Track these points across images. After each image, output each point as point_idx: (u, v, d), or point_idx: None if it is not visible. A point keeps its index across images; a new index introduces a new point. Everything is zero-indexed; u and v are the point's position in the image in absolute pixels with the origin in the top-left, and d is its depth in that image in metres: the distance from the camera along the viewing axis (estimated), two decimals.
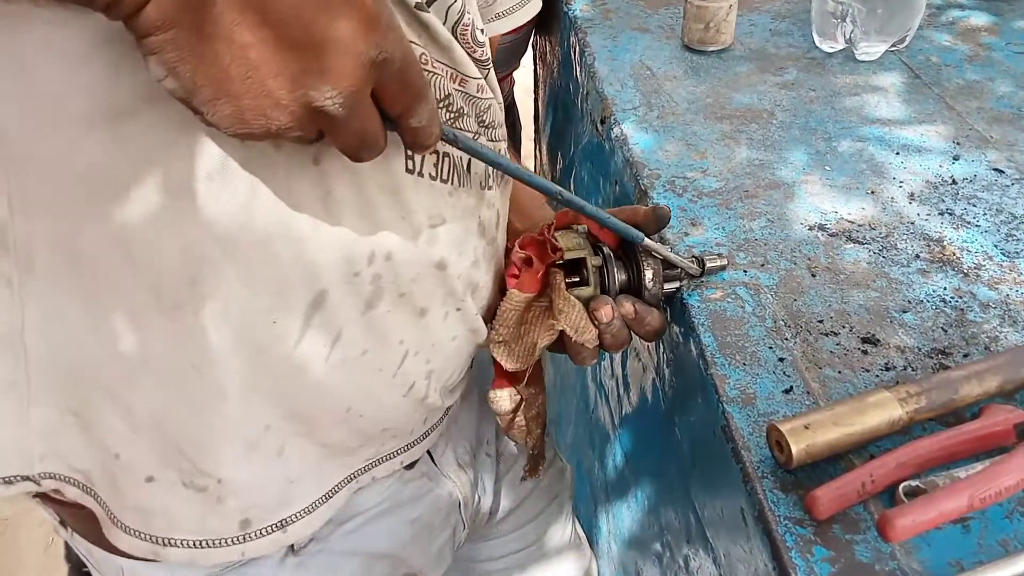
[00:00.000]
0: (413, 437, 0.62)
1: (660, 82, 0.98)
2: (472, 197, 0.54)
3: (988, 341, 0.59)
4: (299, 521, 0.56)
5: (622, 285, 0.60)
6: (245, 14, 0.32)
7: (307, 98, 0.35)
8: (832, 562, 0.46)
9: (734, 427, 0.54)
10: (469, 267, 0.55)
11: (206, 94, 0.34)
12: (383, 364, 0.53)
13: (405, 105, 0.39)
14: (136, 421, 0.48)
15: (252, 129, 0.36)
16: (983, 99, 0.90)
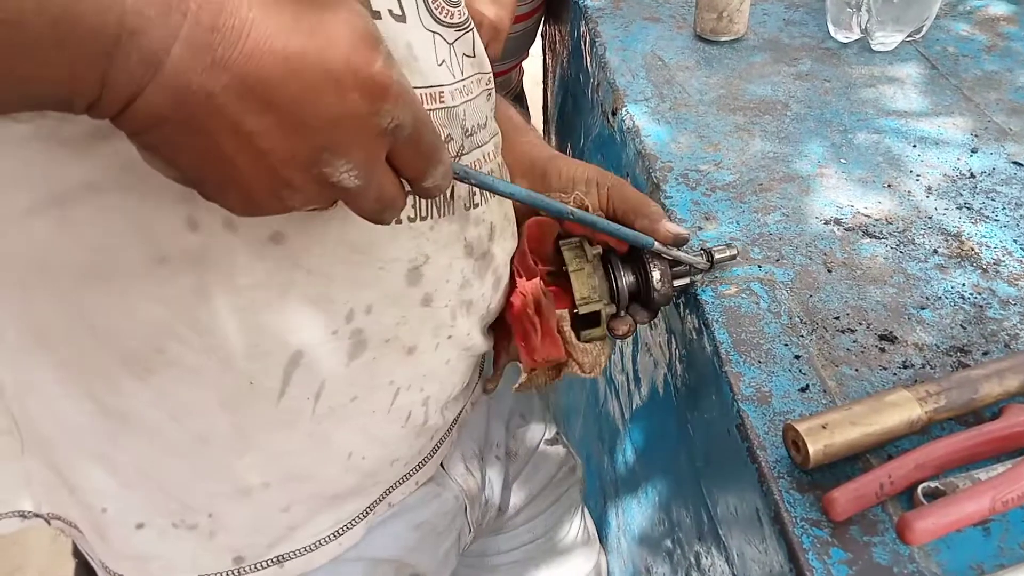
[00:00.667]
0: (422, 456, 0.61)
1: (672, 72, 0.97)
2: (455, 223, 0.51)
3: (1008, 339, 0.58)
4: (299, 558, 0.55)
5: (631, 288, 0.60)
6: (247, 103, 0.31)
7: (322, 176, 0.34)
8: (850, 564, 0.45)
9: (749, 426, 0.53)
10: (457, 291, 0.53)
11: (212, 185, 0.33)
12: (375, 406, 0.52)
13: (420, 169, 0.38)
14: (123, 476, 0.48)
15: (266, 211, 0.35)
16: (1002, 90, 0.89)
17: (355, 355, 0.48)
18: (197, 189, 0.34)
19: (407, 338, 0.51)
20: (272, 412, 0.47)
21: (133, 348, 0.43)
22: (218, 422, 0.47)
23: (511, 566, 0.89)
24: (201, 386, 0.45)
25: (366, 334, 0.48)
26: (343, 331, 0.47)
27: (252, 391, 0.46)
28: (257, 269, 0.43)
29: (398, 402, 0.53)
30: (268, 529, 0.52)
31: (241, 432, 0.47)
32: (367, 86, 0.32)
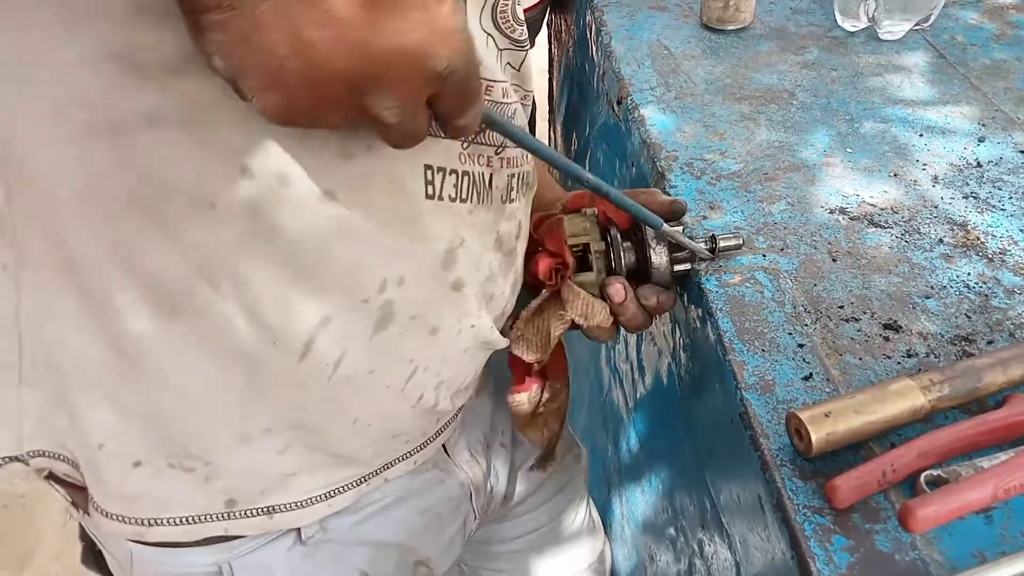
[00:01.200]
0: (425, 438, 0.62)
1: (678, 62, 0.96)
2: (491, 212, 0.52)
3: (1013, 328, 0.58)
4: (289, 512, 0.55)
5: (630, 267, 0.60)
6: (313, 9, 0.31)
7: (364, 104, 0.34)
8: (851, 551, 0.45)
9: (752, 414, 0.53)
10: (484, 281, 0.54)
11: (255, 80, 0.33)
12: (391, 381, 0.52)
13: (459, 108, 0.38)
14: (126, 413, 0.48)
15: (297, 123, 0.35)
16: (1010, 79, 0.88)
17: (381, 327, 0.49)
18: (236, 82, 0.33)
19: (432, 318, 0.51)
20: (290, 373, 0.47)
21: (165, 288, 0.43)
22: (233, 375, 0.47)
23: (515, 554, 0.90)
24: (224, 337, 0.45)
25: (395, 306, 0.48)
26: (374, 301, 0.47)
27: (274, 350, 0.46)
28: (302, 227, 0.42)
29: (413, 381, 0.53)
30: (263, 473, 0.53)
31: (254, 386, 0.47)
32: (432, 27, 0.33)
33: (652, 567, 0.90)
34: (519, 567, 0.91)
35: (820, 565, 0.45)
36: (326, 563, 0.59)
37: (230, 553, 0.56)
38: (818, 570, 0.45)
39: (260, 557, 0.56)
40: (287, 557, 0.57)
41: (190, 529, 0.53)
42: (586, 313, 0.59)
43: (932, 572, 0.44)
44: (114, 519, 0.53)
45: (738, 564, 0.60)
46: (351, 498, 0.58)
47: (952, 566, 0.44)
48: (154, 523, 0.53)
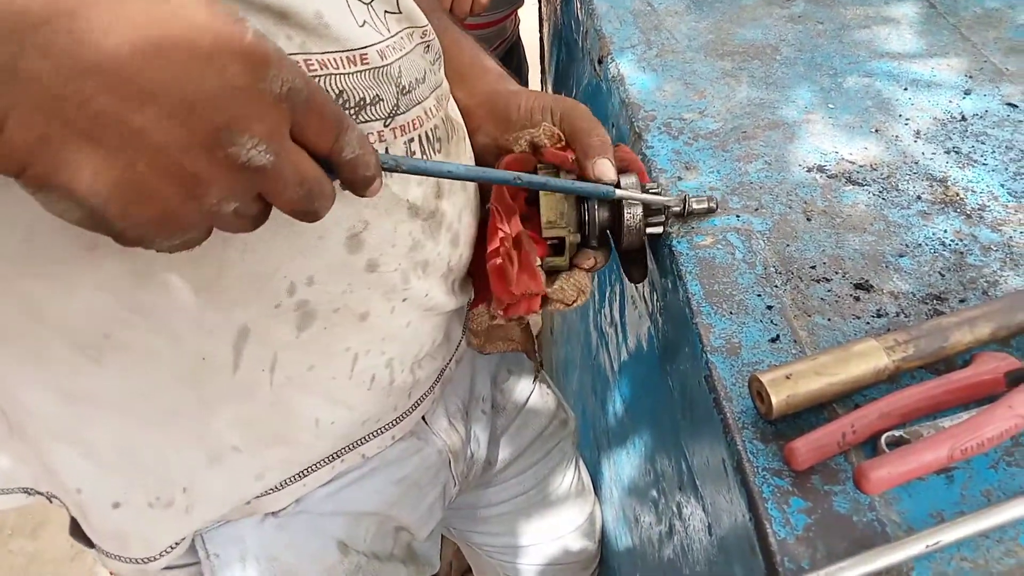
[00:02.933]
0: (398, 413, 0.61)
1: (661, 18, 0.94)
2: (394, 185, 0.50)
3: (987, 286, 0.57)
4: (265, 497, 0.56)
5: (602, 224, 0.59)
6: (126, 100, 0.29)
7: (230, 157, 0.32)
8: (808, 513, 0.45)
9: (716, 377, 0.53)
10: (407, 253, 0.52)
11: (118, 204, 0.31)
12: (334, 373, 0.52)
13: (330, 134, 0.36)
14: (95, 457, 0.49)
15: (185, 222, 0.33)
16: (1001, 28, 0.86)
17: (304, 326, 0.48)
18: (105, 223, 0.32)
19: (357, 305, 0.50)
20: (229, 385, 0.48)
21: (82, 334, 0.43)
22: (182, 396, 0.47)
23: (502, 518, 0.90)
24: (156, 365, 0.45)
25: (312, 305, 0.48)
26: (287, 304, 0.47)
27: (206, 366, 0.46)
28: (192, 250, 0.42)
29: (359, 367, 0.53)
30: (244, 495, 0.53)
31: (205, 403, 0.48)
32: (245, 56, 0.31)
33: (637, 528, 0.91)
34: (508, 530, 0.92)
35: (776, 527, 0.45)
36: (301, 533, 0.60)
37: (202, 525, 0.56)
38: (774, 532, 0.44)
39: (232, 529, 0.57)
40: (260, 528, 0.58)
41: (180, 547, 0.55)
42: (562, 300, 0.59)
43: (889, 533, 0.44)
44: (113, 559, 0.54)
45: (710, 526, 0.60)
46: (326, 475, 0.58)
47: (909, 527, 0.44)
48: (149, 560, 0.54)
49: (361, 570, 0.63)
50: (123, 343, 0.44)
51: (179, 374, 0.46)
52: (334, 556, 0.61)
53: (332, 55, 0.44)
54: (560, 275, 0.60)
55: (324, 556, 0.61)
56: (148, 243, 0.33)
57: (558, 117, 0.59)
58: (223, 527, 0.56)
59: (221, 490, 0.52)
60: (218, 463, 0.51)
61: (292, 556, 0.59)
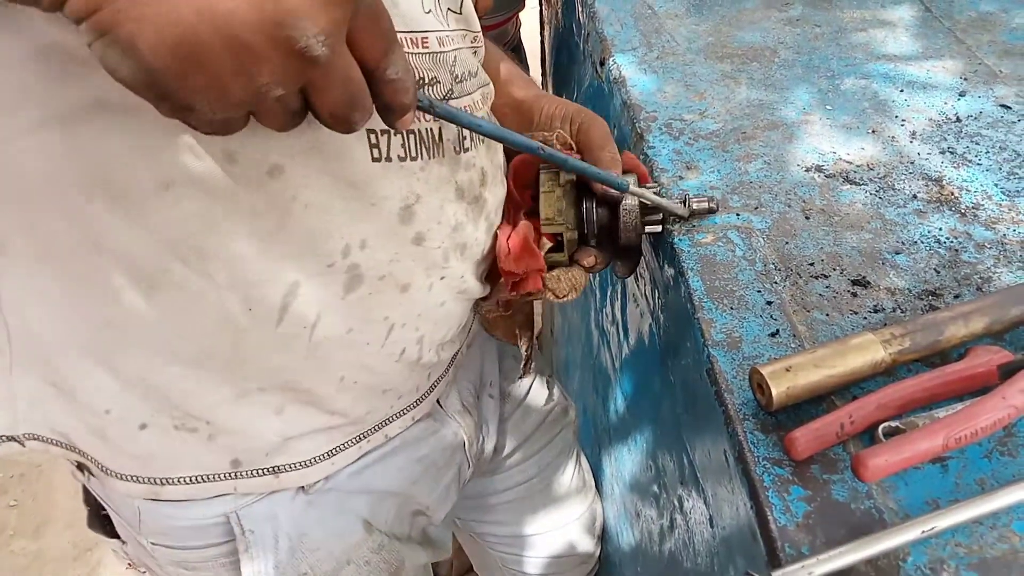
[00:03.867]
0: (419, 393, 0.63)
1: (661, 21, 0.96)
2: (445, 166, 0.53)
3: (981, 282, 0.59)
4: (294, 472, 0.58)
5: (600, 221, 0.61)
6: None
7: (289, 41, 0.33)
8: (808, 501, 0.46)
9: (718, 370, 0.54)
10: (450, 233, 0.55)
11: (176, 65, 0.32)
12: (369, 339, 0.54)
13: (381, 50, 0.37)
14: (124, 379, 0.50)
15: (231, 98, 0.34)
16: (996, 32, 0.87)
17: (351, 289, 0.50)
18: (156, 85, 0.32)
19: (401, 275, 0.52)
20: (270, 336, 0.49)
21: (137, 267, 0.44)
22: (218, 340, 0.48)
23: (507, 507, 0.92)
24: (202, 308, 0.46)
25: (362, 269, 0.50)
26: (339, 265, 0.49)
27: (251, 316, 0.48)
28: (257, 201, 0.44)
29: (392, 337, 0.55)
30: (264, 434, 0.55)
31: (239, 351, 0.49)
32: None
33: (638, 523, 0.92)
34: (512, 519, 0.94)
35: (777, 514, 0.46)
36: (329, 511, 0.62)
37: (235, 503, 0.58)
38: (775, 519, 0.46)
39: (265, 506, 0.59)
40: (291, 506, 0.60)
41: (200, 488, 0.56)
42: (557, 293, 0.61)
43: (886, 519, 0.45)
44: (128, 480, 0.55)
45: (711, 518, 0.62)
46: (354, 454, 0.60)
47: (905, 514, 0.45)
48: (166, 482, 0.55)
49: (384, 548, 0.65)
50: (175, 282, 0.45)
51: (222, 320, 0.47)
52: (359, 534, 0.64)
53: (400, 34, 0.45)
54: (558, 269, 0.62)
55: (350, 533, 0.63)
56: (191, 112, 0.34)
57: (576, 127, 0.62)
58: (257, 504, 0.58)
59: (242, 424, 0.54)
60: (242, 399, 0.52)
61: (321, 532, 0.61)
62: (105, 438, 0.53)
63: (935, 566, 0.43)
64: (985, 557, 0.43)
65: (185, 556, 0.62)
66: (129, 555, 0.70)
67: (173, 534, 0.61)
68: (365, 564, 0.67)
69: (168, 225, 0.43)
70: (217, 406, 0.52)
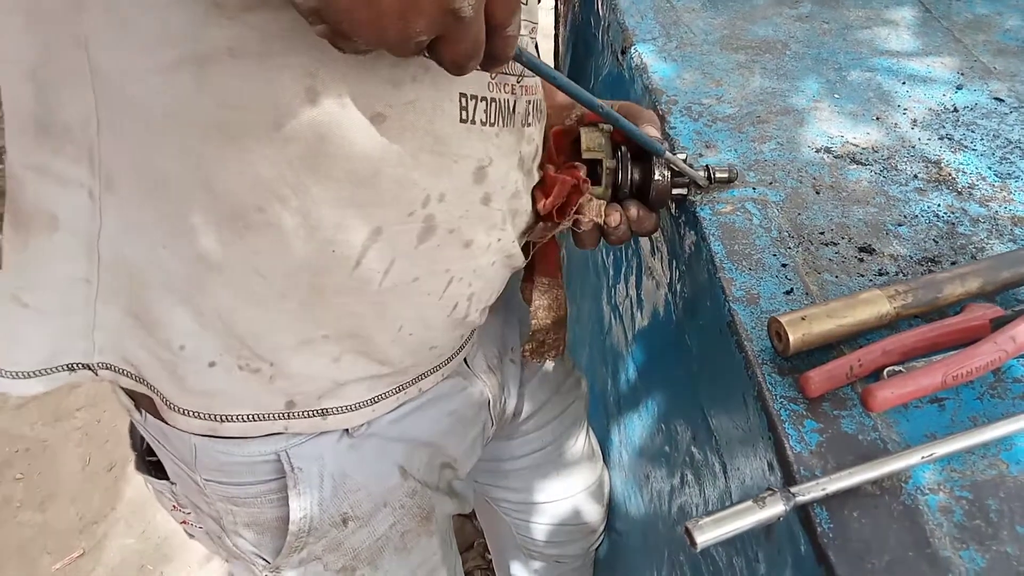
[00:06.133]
0: (452, 351, 0.69)
1: (679, 14, 1.01)
2: (513, 136, 0.58)
3: (975, 251, 0.65)
4: (339, 415, 0.62)
5: (634, 184, 0.66)
6: None
7: (446, 2, 0.38)
8: (820, 432, 0.52)
9: (739, 322, 0.60)
10: (509, 198, 0.60)
11: (347, 2, 0.37)
12: (431, 289, 0.59)
13: (510, 12, 0.42)
14: (204, 318, 0.54)
15: (386, 38, 0.39)
16: (990, 32, 0.94)
17: (424, 239, 0.55)
18: (326, 15, 0.37)
19: (467, 231, 0.57)
20: (346, 278, 0.53)
21: (239, 204, 0.48)
22: (298, 281, 0.53)
23: (522, 473, 0.97)
24: (290, 247, 0.51)
25: (436, 220, 0.55)
26: (419, 214, 0.53)
27: (333, 258, 0.52)
28: (358, 146, 0.48)
29: (450, 291, 0.59)
30: (319, 378, 0.59)
31: (317, 291, 0.54)
32: None
33: (647, 486, 0.97)
34: (526, 486, 0.99)
35: (793, 443, 0.52)
36: (369, 455, 0.66)
37: (287, 443, 0.62)
38: (791, 447, 0.51)
39: (313, 447, 0.63)
40: (336, 447, 0.64)
41: (256, 426, 0.60)
42: (591, 217, 0.65)
43: (889, 449, 0.51)
44: (191, 415, 0.59)
45: (724, 465, 0.67)
46: (392, 404, 0.65)
47: (907, 444, 0.51)
48: (226, 419, 0.59)
49: (417, 494, 0.70)
50: (270, 220, 0.49)
51: (306, 260, 0.51)
52: (396, 478, 0.68)
53: None
54: None
55: (388, 477, 0.68)
56: (346, 41, 0.39)
57: (616, 108, 0.67)
58: (306, 444, 0.63)
59: (302, 370, 0.58)
60: (306, 346, 0.56)
61: (361, 474, 0.66)
62: (175, 373, 0.57)
63: (933, 487, 0.49)
64: (976, 480, 0.49)
65: (236, 492, 0.67)
66: (177, 495, 0.74)
67: (227, 470, 0.65)
68: (400, 507, 0.72)
69: (273, 165, 0.47)
70: (283, 349, 0.56)
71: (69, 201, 0.49)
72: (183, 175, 0.47)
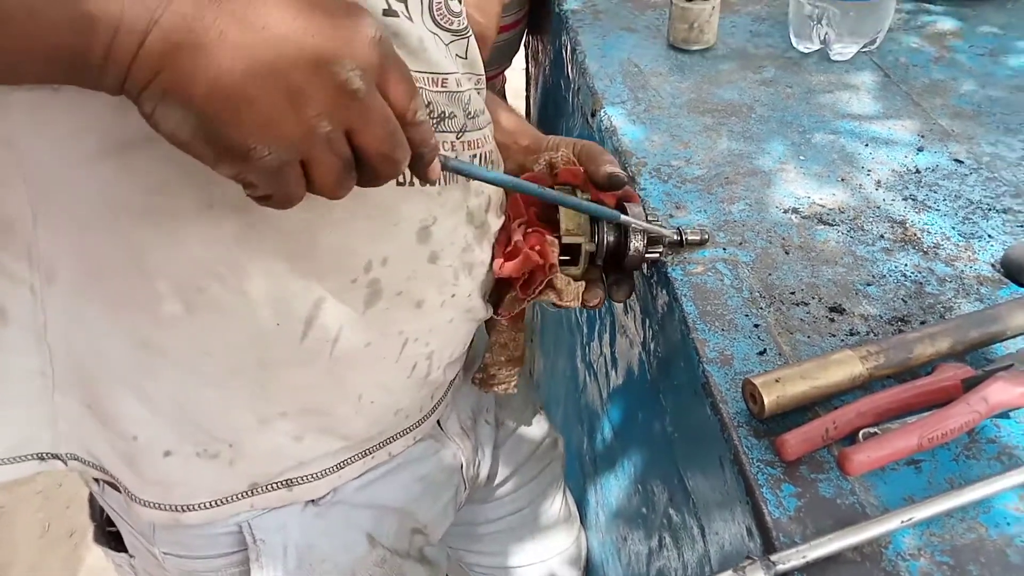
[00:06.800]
0: (423, 413, 0.67)
1: (647, 78, 1.04)
2: (459, 191, 0.58)
3: (943, 311, 0.65)
4: (305, 484, 0.61)
5: (610, 247, 0.66)
6: (248, 27, 0.35)
7: (331, 75, 0.37)
8: (799, 497, 0.51)
9: (713, 384, 0.60)
10: (460, 253, 0.60)
11: (227, 113, 0.36)
12: (385, 353, 0.58)
13: (408, 95, 0.41)
14: (154, 405, 0.53)
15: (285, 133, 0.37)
16: (947, 96, 0.97)
17: (371, 303, 0.54)
18: (212, 137, 0.36)
19: (416, 292, 0.57)
20: (294, 351, 0.53)
21: (178, 285, 0.48)
22: (246, 357, 0.52)
23: (496, 536, 0.95)
24: (234, 324, 0.50)
25: (381, 284, 0.54)
26: (361, 280, 0.53)
27: (278, 331, 0.52)
28: (291, 220, 0.48)
29: (406, 352, 0.58)
30: (282, 459, 0.58)
31: (266, 367, 0.53)
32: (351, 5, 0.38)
33: (625, 548, 0.96)
34: (500, 550, 0.96)
35: (771, 508, 0.51)
36: (336, 522, 0.64)
37: (248, 514, 0.60)
38: (770, 512, 0.51)
39: (275, 517, 0.61)
40: (300, 517, 0.62)
41: (219, 511, 0.59)
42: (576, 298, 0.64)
43: (868, 512, 0.50)
44: (152, 507, 0.58)
45: (702, 528, 0.66)
46: (359, 469, 0.63)
47: (885, 508, 0.51)
48: (187, 508, 0.58)
49: (386, 563, 0.68)
50: (211, 300, 0.49)
51: (252, 336, 0.51)
52: (363, 547, 0.66)
53: (425, 75, 0.52)
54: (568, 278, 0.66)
55: (355, 546, 0.66)
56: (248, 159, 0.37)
57: (578, 148, 0.68)
58: (269, 515, 0.61)
59: (264, 450, 0.57)
60: (265, 425, 0.55)
61: (327, 544, 0.64)
62: (132, 464, 0.56)
63: (913, 552, 0.48)
64: (956, 544, 0.48)
65: (196, 566, 0.64)
66: (136, 569, 0.72)
67: (186, 543, 0.63)
68: None
69: (207, 245, 0.48)
70: (241, 429, 0.55)
71: (16, 295, 0.49)
72: (120, 262, 0.47)
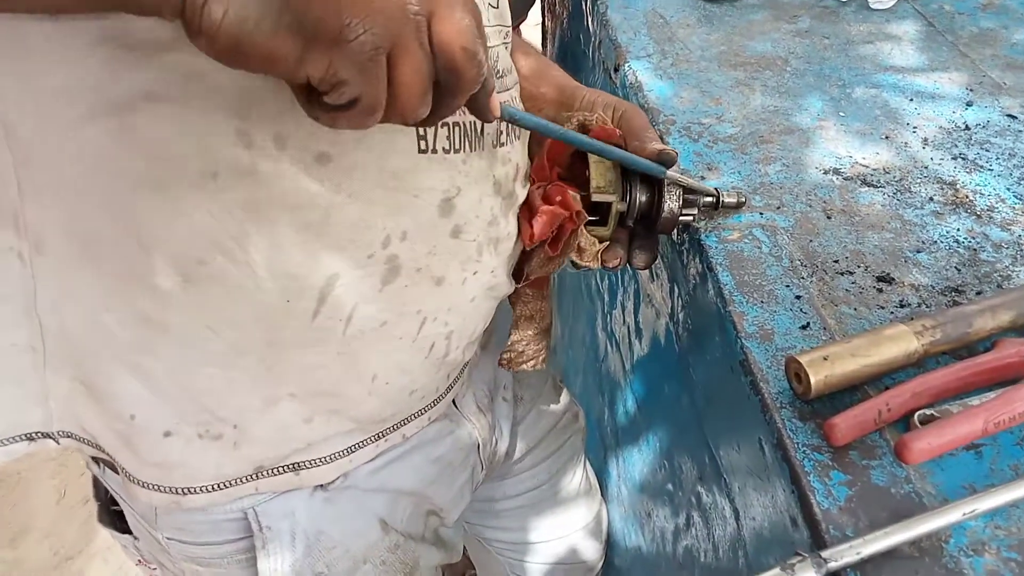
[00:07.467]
0: (438, 394, 0.63)
1: (673, 30, 0.98)
2: (484, 159, 0.54)
3: (1001, 279, 0.60)
4: (313, 469, 0.57)
5: (642, 208, 0.61)
6: None
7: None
8: (849, 485, 0.47)
9: (752, 360, 0.55)
10: (485, 227, 0.55)
11: None
12: (402, 332, 0.54)
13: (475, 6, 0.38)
14: (153, 383, 0.50)
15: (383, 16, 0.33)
16: (997, 47, 0.90)
17: (388, 281, 0.50)
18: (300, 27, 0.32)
19: (437, 268, 0.53)
20: (305, 330, 0.49)
21: (178, 257, 0.44)
22: (253, 335, 0.48)
23: (516, 512, 0.92)
24: (239, 300, 0.46)
25: (400, 260, 0.50)
26: (379, 256, 0.49)
27: (287, 309, 0.47)
28: (302, 190, 0.44)
29: (424, 331, 0.54)
30: (289, 442, 0.54)
31: (274, 346, 0.49)
32: None
33: (649, 523, 0.92)
34: (520, 525, 0.94)
35: (820, 498, 0.47)
36: (346, 508, 0.61)
37: (253, 500, 0.57)
38: (818, 503, 0.47)
39: (282, 503, 0.58)
40: (309, 502, 0.59)
41: (223, 494, 0.55)
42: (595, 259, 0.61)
43: (925, 503, 0.46)
44: (152, 489, 0.54)
45: (736, 511, 0.62)
46: (371, 453, 0.60)
47: (944, 498, 0.46)
48: (187, 492, 0.54)
49: (399, 548, 0.65)
50: (214, 273, 0.45)
51: (258, 314, 0.47)
52: (376, 533, 0.63)
53: None
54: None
55: (367, 532, 0.63)
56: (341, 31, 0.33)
57: (618, 115, 0.63)
58: (275, 500, 0.57)
59: (270, 432, 0.53)
60: (272, 407, 0.52)
61: (338, 531, 0.60)
62: (129, 444, 0.53)
63: (977, 547, 0.44)
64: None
65: (201, 552, 0.61)
66: (141, 551, 0.69)
67: (190, 529, 0.60)
68: (381, 564, 0.66)
69: (211, 216, 0.44)
70: (247, 410, 0.52)
71: (2, 266, 0.45)
72: (115, 233, 0.43)
